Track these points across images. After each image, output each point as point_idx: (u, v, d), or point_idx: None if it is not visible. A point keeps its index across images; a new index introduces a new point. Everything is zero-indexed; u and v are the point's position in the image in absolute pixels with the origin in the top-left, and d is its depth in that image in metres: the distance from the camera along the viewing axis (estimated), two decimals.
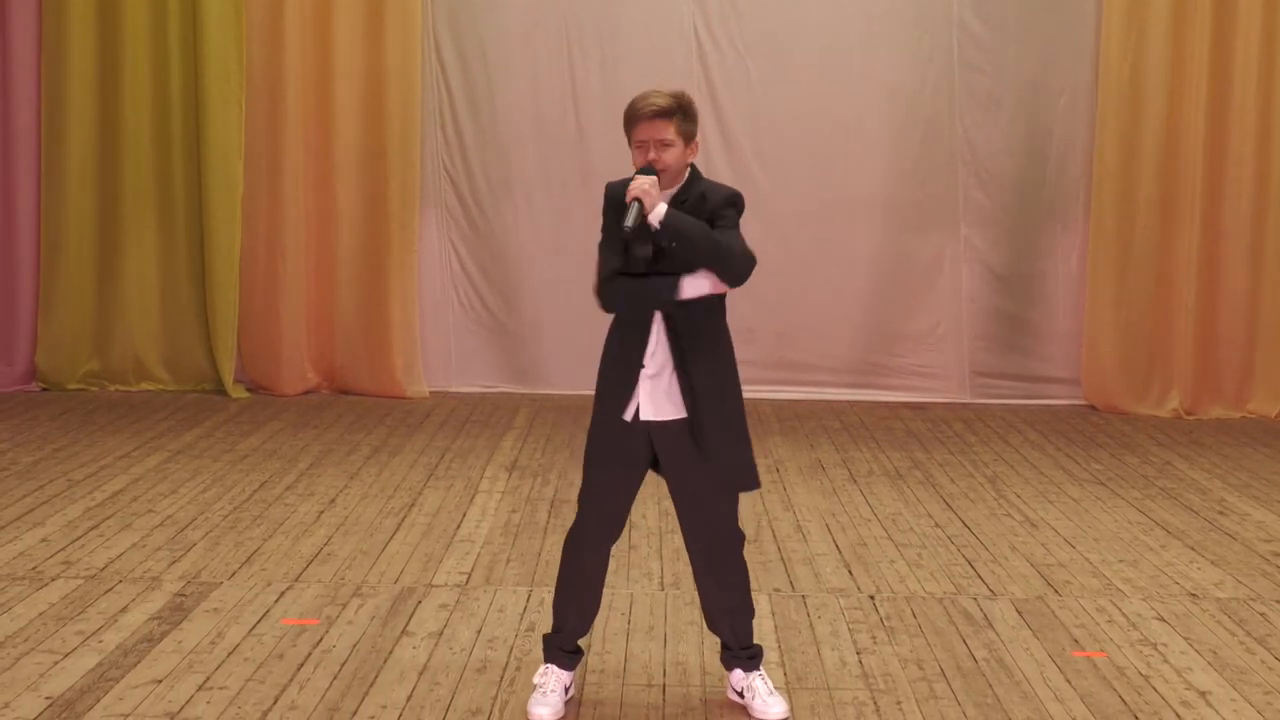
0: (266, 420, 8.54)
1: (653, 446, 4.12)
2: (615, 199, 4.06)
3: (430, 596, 5.25)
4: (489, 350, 9.69)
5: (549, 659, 4.26)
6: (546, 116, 9.47)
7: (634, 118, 4.01)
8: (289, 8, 9.18)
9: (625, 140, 4.08)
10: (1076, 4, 9.37)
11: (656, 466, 4.17)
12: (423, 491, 6.87)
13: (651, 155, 3.98)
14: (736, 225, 4.03)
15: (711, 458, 4.06)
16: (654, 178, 3.95)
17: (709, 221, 3.98)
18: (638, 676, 4.49)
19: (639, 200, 3.90)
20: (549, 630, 4.34)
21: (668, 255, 3.97)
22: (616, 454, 4.12)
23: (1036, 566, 5.80)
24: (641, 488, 4.20)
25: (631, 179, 4.00)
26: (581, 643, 4.35)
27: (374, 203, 9.38)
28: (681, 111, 4.01)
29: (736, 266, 3.96)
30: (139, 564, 5.57)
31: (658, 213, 3.91)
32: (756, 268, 4.01)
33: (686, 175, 4.06)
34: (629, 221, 3.89)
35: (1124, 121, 9.21)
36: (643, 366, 4.04)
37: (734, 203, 4.05)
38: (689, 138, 4.04)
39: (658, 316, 4.03)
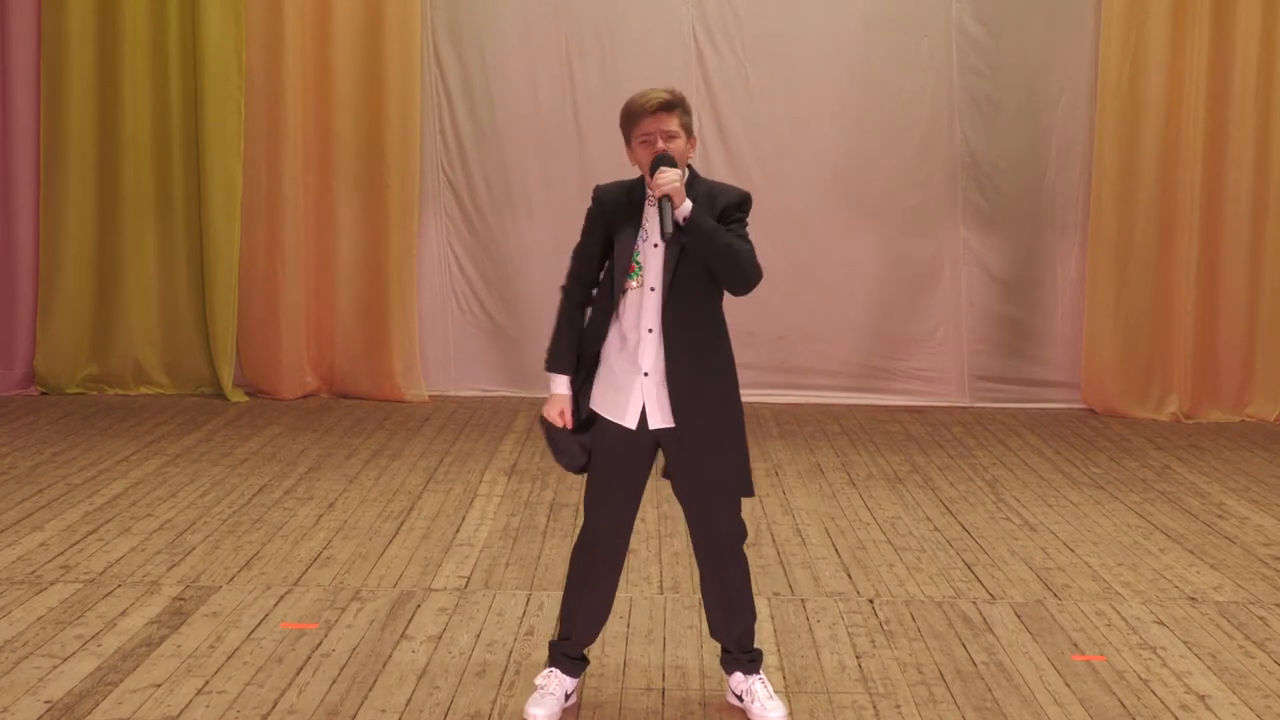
0: (266, 424, 8.54)
1: (657, 450, 4.11)
2: (607, 203, 4.04)
3: (429, 600, 5.25)
4: (488, 354, 9.69)
5: (553, 663, 4.25)
6: (546, 120, 9.48)
7: (638, 114, 3.97)
8: (289, 10, 9.18)
9: (624, 143, 4.06)
10: (1075, 7, 9.38)
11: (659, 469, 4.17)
12: (422, 495, 6.86)
13: (661, 145, 3.92)
14: (746, 230, 4.01)
15: (704, 468, 4.06)
16: (679, 171, 3.91)
17: (717, 221, 3.95)
18: (637, 680, 4.49)
19: (669, 197, 3.85)
20: (555, 637, 4.33)
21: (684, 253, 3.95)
22: (619, 459, 4.11)
23: (1035, 570, 5.80)
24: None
25: (619, 183, 4.03)
26: (587, 652, 4.33)
27: (373, 206, 9.37)
28: (681, 105, 4.01)
29: (748, 276, 3.92)
30: (138, 568, 5.56)
31: (684, 209, 3.88)
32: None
33: (687, 174, 4.05)
34: (666, 226, 3.83)
35: (1123, 125, 9.21)
36: (645, 374, 4.03)
37: (744, 206, 4.01)
38: (689, 131, 4.02)
39: (652, 327, 4.01)
